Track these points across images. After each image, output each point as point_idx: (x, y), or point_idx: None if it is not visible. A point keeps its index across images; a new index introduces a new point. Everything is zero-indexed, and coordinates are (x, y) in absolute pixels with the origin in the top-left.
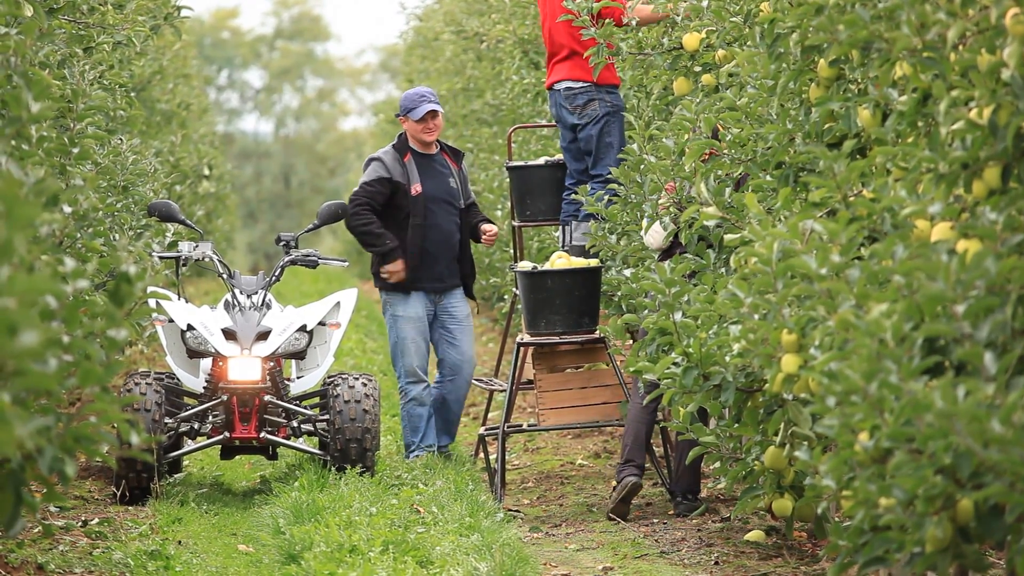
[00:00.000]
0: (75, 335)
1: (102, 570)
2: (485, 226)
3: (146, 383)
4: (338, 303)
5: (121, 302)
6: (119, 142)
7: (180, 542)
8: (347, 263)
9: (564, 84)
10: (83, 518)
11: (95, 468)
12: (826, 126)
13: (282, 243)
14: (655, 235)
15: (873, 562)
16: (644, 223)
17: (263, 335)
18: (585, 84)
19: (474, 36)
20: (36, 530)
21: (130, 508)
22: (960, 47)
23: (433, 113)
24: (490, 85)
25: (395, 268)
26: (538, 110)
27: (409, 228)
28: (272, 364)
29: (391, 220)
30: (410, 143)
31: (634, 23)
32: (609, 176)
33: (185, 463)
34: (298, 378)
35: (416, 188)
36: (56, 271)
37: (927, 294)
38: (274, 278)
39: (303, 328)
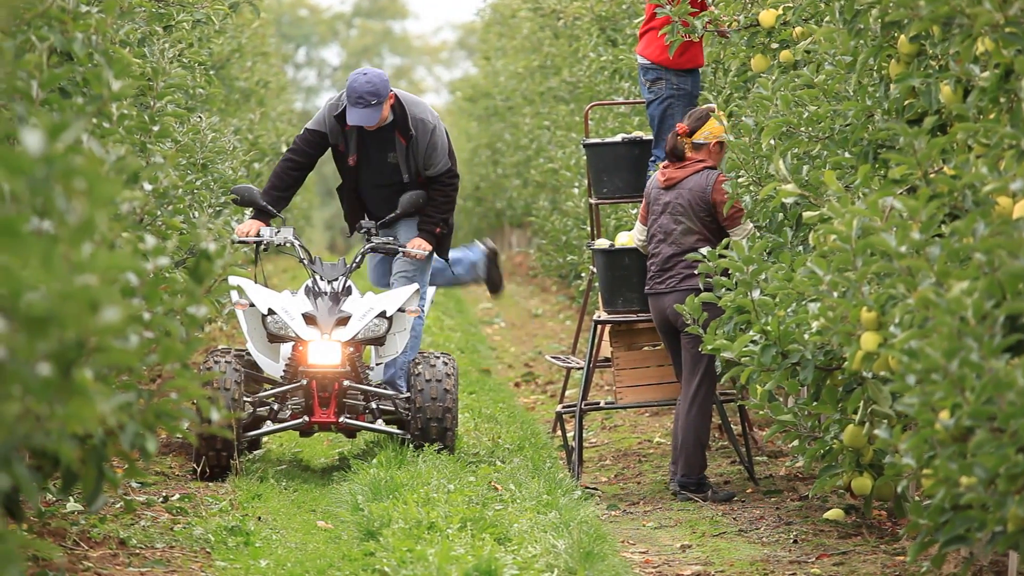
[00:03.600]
0: (156, 312)
1: (183, 545)
2: (413, 240)
3: (225, 360)
4: (417, 290)
5: (201, 279)
6: (198, 120)
7: (260, 518)
8: (426, 252)
9: (640, 57)
10: (164, 494)
11: (175, 444)
12: (906, 102)
13: (363, 230)
14: (641, 235)
15: (954, 541)
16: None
17: (343, 320)
18: (654, 62)
19: (551, 13)
20: (118, 505)
21: (210, 484)
22: None
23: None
24: (567, 62)
25: (243, 228)
26: (615, 87)
27: (345, 194)
28: (352, 349)
29: (342, 178)
30: None
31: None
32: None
33: (264, 440)
34: (377, 365)
35: (350, 159)
36: (137, 248)
37: (1009, 271)
38: (355, 264)
39: (383, 314)
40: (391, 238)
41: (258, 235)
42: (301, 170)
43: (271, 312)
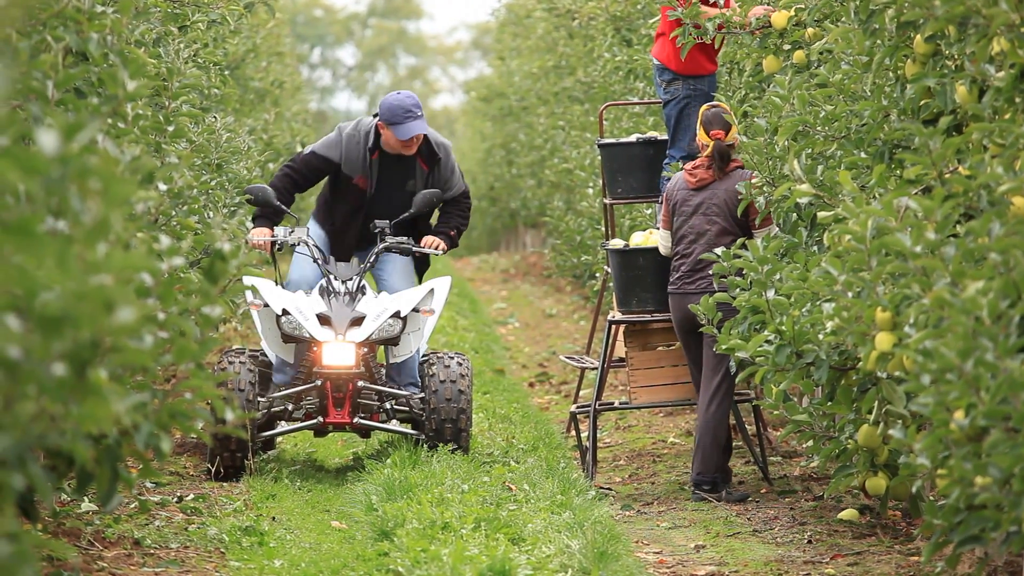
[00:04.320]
0: (170, 312)
1: (197, 545)
2: (425, 239)
3: (240, 361)
4: (431, 290)
5: (215, 279)
6: (213, 120)
7: (274, 518)
8: (440, 252)
9: (655, 60)
10: (178, 494)
11: (190, 444)
12: (922, 102)
13: (377, 230)
14: (664, 241)
15: (968, 541)
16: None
17: (357, 320)
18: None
19: (566, 13)
20: (132, 505)
21: (224, 484)
22: None
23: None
24: (582, 63)
25: (256, 237)
26: (630, 87)
27: (351, 220)
28: (366, 350)
29: (341, 204)
30: (383, 143)
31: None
32: (683, 157)
33: (278, 441)
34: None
35: (372, 189)
36: (151, 248)
37: None
38: (368, 265)
39: (397, 314)
40: (406, 237)
41: (272, 236)
42: (297, 188)
43: (285, 313)
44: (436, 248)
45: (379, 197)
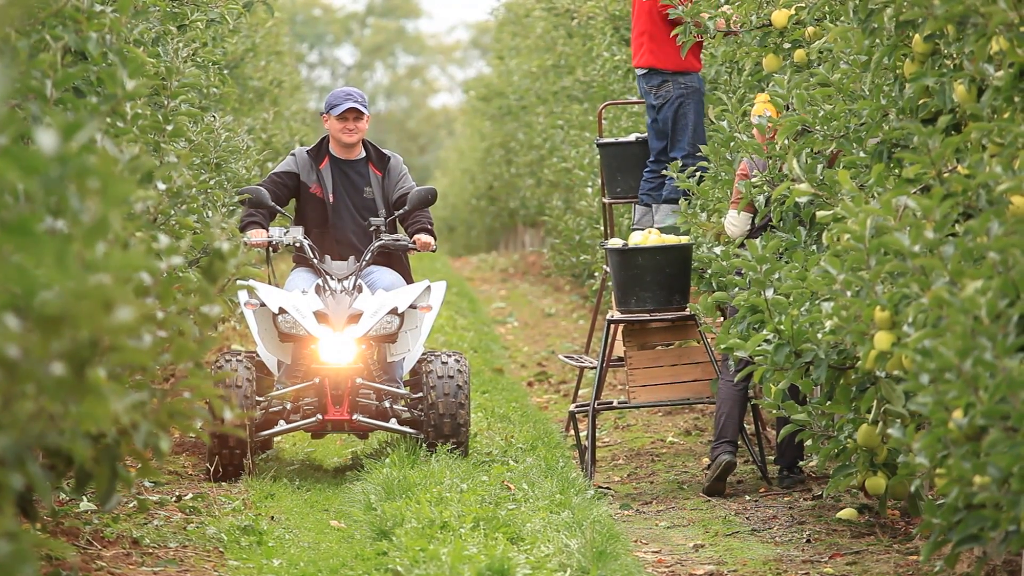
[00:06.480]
0: (169, 311)
1: (196, 545)
2: (419, 237)
3: (238, 360)
4: (429, 287)
5: (214, 279)
6: (212, 119)
7: (273, 517)
8: (435, 248)
9: (640, 68)
10: (177, 493)
11: (188, 444)
12: (920, 102)
13: (372, 228)
14: (736, 224)
15: (967, 540)
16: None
17: (355, 317)
18: (656, 68)
19: (565, 13)
20: (131, 505)
21: (223, 484)
22: None
23: (356, 113)
24: (581, 62)
25: (254, 237)
26: (629, 87)
27: (322, 236)
28: (364, 346)
29: (308, 220)
30: (331, 147)
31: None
32: (684, 156)
33: (277, 440)
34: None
35: (330, 196)
36: (150, 248)
37: (1023, 271)
38: (364, 262)
39: (394, 311)
40: (401, 235)
41: (268, 236)
42: (275, 201)
43: (282, 311)
44: (430, 247)
45: (339, 205)
